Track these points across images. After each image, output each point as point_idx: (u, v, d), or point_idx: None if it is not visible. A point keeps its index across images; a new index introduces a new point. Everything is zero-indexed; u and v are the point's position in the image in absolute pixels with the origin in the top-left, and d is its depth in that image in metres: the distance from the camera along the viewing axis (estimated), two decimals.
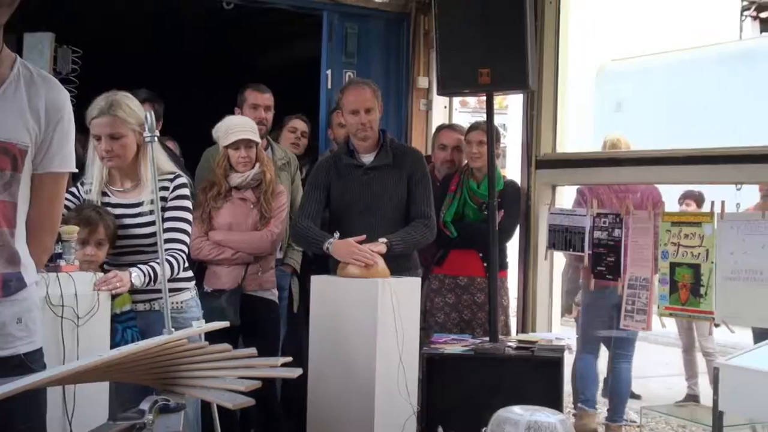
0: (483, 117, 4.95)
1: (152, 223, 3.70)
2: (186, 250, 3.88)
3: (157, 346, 1.72)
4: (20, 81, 2.23)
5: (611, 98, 14.00)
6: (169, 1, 7.22)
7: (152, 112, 2.69)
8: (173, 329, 2.99)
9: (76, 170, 2.45)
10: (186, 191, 3.92)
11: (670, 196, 4.69)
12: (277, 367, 1.88)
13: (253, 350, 1.95)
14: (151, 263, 3.68)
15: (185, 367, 1.79)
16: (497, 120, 5.13)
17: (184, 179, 3.93)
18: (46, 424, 2.30)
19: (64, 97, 2.34)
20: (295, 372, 1.87)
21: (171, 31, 9.12)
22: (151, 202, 3.72)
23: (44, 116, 2.26)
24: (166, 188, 3.83)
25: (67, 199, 3.86)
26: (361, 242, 4.35)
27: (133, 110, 3.71)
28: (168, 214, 3.80)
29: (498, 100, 8.68)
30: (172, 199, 3.84)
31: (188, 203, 3.93)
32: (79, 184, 3.95)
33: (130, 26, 8.98)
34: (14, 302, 2.23)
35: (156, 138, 3.17)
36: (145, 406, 1.66)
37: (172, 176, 3.88)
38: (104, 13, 8.48)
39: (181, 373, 1.79)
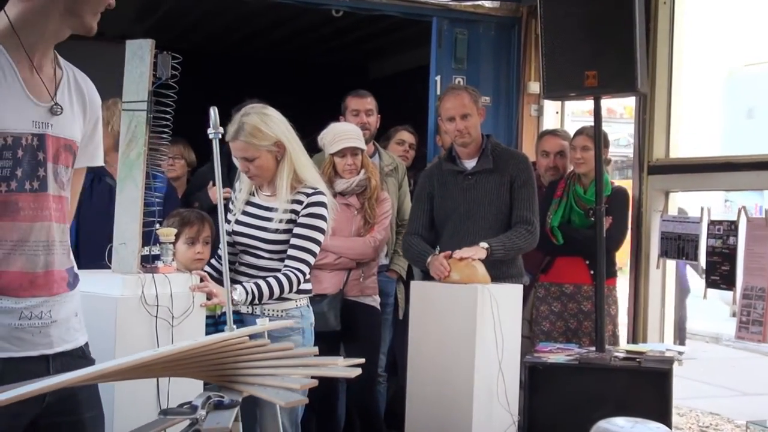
0: (606, 126, 4.84)
1: (278, 231, 3.72)
2: (305, 270, 3.71)
3: (216, 342, 1.72)
4: (70, 81, 2.30)
5: (743, 104, 13.53)
6: (282, 11, 7.34)
7: (216, 109, 2.70)
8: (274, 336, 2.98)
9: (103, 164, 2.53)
10: (321, 210, 3.75)
11: None
12: (338, 367, 1.85)
13: (314, 349, 1.93)
14: (259, 282, 3.61)
15: (245, 365, 1.79)
16: (625, 128, 5.01)
17: (322, 197, 3.77)
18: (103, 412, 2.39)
19: (97, 94, 2.42)
20: (353, 372, 1.84)
21: (284, 40, 9.29)
22: (282, 212, 3.71)
23: (88, 114, 2.35)
24: (299, 202, 3.73)
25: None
26: (459, 247, 4.32)
27: (262, 131, 3.67)
28: (297, 230, 3.72)
29: (628, 108, 8.49)
30: (303, 215, 3.72)
31: (320, 222, 3.75)
32: (236, 184, 4.04)
33: (245, 35, 9.21)
34: (74, 296, 2.32)
35: (219, 135, 3.14)
36: (198, 401, 1.66)
37: (311, 191, 3.76)
38: (218, 25, 8.74)
39: (241, 371, 1.78)
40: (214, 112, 2.47)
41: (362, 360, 2.12)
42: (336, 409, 5.04)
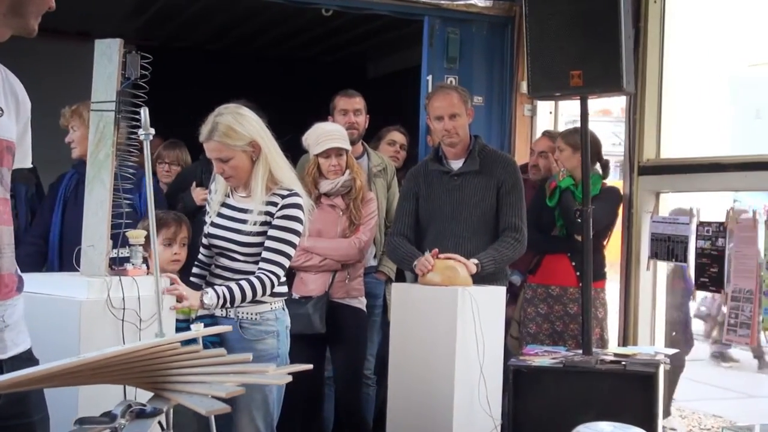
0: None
1: (252, 234, 3.66)
2: (280, 273, 3.64)
3: (145, 348, 1.67)
4: (4, 81, 2.27)
5: (749, 105, 13.44)
6: (275, 11, 7.32)
7: (146, 110, 2.64)
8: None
9: (32, 166, 2.49)
10: (296, 212, 3.69)
11: None
12: (270, 374, 1.80)
13: (248, 356, 1.88)
14: (231, 285, 3.55)
15: (176, 372, 1.74)
16: None
17: (298, 199, 3.71)
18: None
19: (27, 95, 2.38)
20: (284, 379, 1.79)
21: (279, 40, 9.27)
22: (257, 214, 3.65)
23: (20, 114, 2.31)
24: (274, 204, 3.67)
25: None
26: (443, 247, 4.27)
27: (236, 131, 3.61)
28: (271, 232, 3.65)
29: None
30: (278, 217, 3.66)
31: (295, 225, 3.68)
32: (211, 186, 3.99)
33: (237, 38, 9.21)
34: (21, 299, 2.30)
35: (150, 137, 3.06)
36: (117, 410, 1.61)
37: (286, 192, 3.69)
38: (211, 26, 8.74)
39: (172, 378, 1.73)
40: (144, 113, 2.43)
41: (309, 366, 2.07)
42: (321, 412, 5.00)
